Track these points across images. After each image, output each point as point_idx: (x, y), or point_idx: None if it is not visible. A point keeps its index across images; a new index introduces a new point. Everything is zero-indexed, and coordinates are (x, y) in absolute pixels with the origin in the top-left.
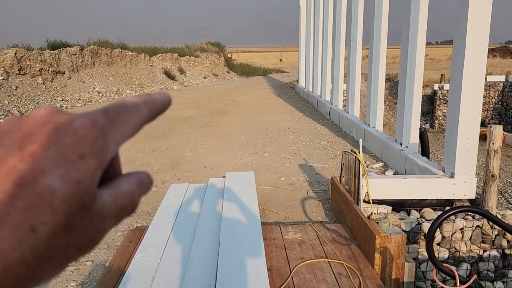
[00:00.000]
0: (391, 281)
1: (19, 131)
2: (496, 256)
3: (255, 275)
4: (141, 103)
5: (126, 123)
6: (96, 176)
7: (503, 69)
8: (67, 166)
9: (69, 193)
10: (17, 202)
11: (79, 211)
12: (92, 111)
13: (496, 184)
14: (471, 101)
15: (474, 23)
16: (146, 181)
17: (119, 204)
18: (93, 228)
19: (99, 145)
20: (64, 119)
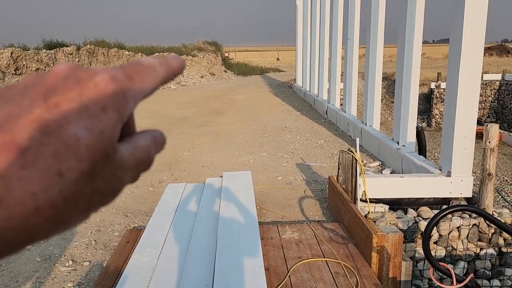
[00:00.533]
0: (388, 280)
1: (42, 84)
2: (492, 254)
3: (253, 275)
4: (157, 64)
5: (143, 81)
6: (117, 128)
7: (500, 67)
8: (90, 117)
9: (93, 142)
10: (44, 149)
11: (102, 160)
12: (111, 67)
13: (492, 182)
14: (467, 100)
15: (470, 22)
16: (160, 138)
17: (137, 157)
18: (115, 177)
19: (120, 99)
20: (85, 74)
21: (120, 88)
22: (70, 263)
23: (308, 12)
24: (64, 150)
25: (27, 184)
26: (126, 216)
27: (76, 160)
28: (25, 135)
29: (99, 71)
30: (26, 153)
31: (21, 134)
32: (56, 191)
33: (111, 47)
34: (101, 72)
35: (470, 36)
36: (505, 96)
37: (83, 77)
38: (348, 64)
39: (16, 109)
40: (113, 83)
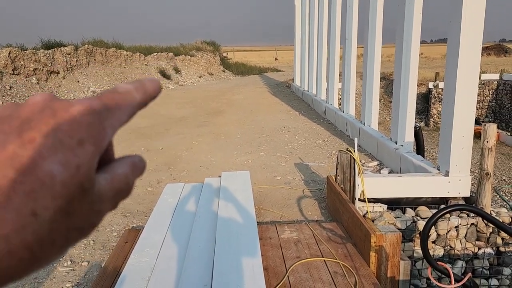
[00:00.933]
0: (387, 279)
1: (17, 117)
2: (490, 253)
3: (251, 275)
4: (133, 90)
5: (121, 109)
6: (94, 162)
7: (497, 67)
8: (66, 152)
9: (69, 178)
10: (18, 188)
11: (79, 195)
12: (87, 98)
13: (490, 182)
14: (465, 100)
15: (468, 22)
16: (139, 164)
17: (115, 187)
18: (93, 211)
19: (96, 131)
20: (61, 105)
21: (97, 119)
22: (69, 263)
23: (306, 12)
24: (38, 188)
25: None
26: (125, 216)
27: (51, 198)
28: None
29: (75, 102)
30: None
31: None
32: (30, 232)
33: (109, 47)
34: (77, 104)
35: (468, 36)
36: (503, 96)
37: (59, 109)
38: (346, 63)
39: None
40: (89, 115)
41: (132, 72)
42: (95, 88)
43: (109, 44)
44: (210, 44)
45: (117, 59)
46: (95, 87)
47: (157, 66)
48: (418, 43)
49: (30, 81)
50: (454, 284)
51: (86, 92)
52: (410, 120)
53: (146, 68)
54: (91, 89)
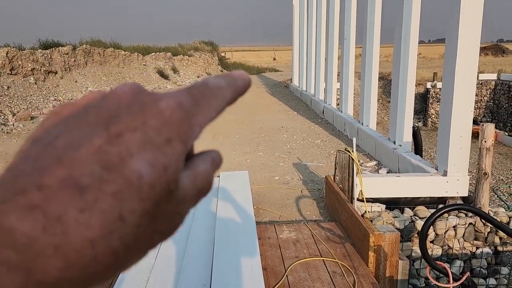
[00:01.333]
0: (385, 279)
1: (104, 108)
2: (488, 253)
3: (250, 275)
4: (224, 85)
5: (210, 106)
6: (181, 162)
7: (495, 67)
8: (154, 150)
9: (156, 179)
10: (105, 187)
11: (165, 197)
12: (176, 91)
13: (488, 181)
14: (463, 100)
15: (466, 22)
16: (218, 160)
17: (198, 186)
18: (176, 212)
19: (185, 128)
20: (150, 99)
21: (186, 116)
22: None
23: (305, 12)
24: (125, 188)
25: (86, 230)
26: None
27: (138, 200)
28: (85, 170)
29: (164, 97)
30: (86, 192)
31: (80, 168)
32: (117, 238)
33: (107, 46)
34: (167, 98)
35: (466, 36)
36: (500, 96)
37: (147, 103)
38: (344, 63)
39: (75, 137)
40: (179, 111)
41: (130, 72)
42: (93, 88)
43: (107, 44)
44: (208, 44)
45: (115, 59)
46: (93, 87)
47: (155, 66)
48: (416, 43)
49: (27, 81)
50: (453, 283)
51: (84, 92)
52: (408, 120)
53: (144, 68)
54: (89, 89)
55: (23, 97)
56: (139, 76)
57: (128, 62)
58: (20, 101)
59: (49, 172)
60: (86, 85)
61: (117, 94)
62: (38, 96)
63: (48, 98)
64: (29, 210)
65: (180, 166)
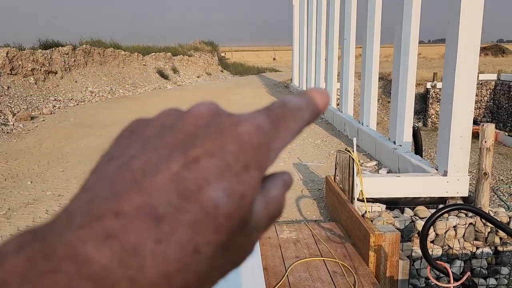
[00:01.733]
0: (386, 279)
1: (181, 129)
2: (489, 253)
3: (251, 275)
4: (304, 106)
5: (288, 129)
6: (257, 190)
7: (495, 67)
8: (231, 178)
9: (233, 209)
10: (182, 217)
11: (239, 228)
12: (255, 112)
13: (488, 181)
14: (463, 100)
15: (466, 22)
16: (289, 182)
17: (270, 213)
18: (248, 242)
19: (263, 154)
20: (228, 122)
21: (264, 141)
22: None
23: (305, 12)
24: (202, 219)
25: (162, 263)
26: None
27: (214, 231)
28: (162, 198)
29: (243, 119)
30: (163, 222)
31: (157, 196)
32: (192, 271)
33: (107, 46)
34: (246, 121)
35: (466, 36)
36: (500, 96)
37: (226, 125)
38: (344, 64)
39: (152, 160)
40: (258, 135)
41: (130, 72)
42: (93, 88)
43: (107, 44)
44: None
45: (115, 59)
46: (93, 87)
47: (155, 66)
48: (416, 43)
49: (28, 81)
50: (453, 283)
51: (84, 92)
52: (408, 120)
53: (144, 68)
54: (89, 89)
55: (23, 97)
56: (139, 76)
57: (128, 62)
58: (20, 101)
59: (126, 197)
60: (86, 85)
61: (194, 114)
62: (38, 96)
63: (48, 98)
64: (106, 239)
65: (256, 194)
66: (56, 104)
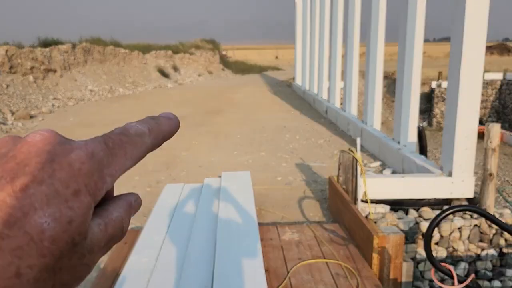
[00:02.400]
0: (389, 281)
1: (12, 157)
2: (493, 255)
3: (252, 276)
4: (146, 132)
5: (126, 154)
6: (88, 214)
7: (501, 66)
8: (59, 204)
9: (59, 233)
10: (4, 244)
11: (68, 251)
12: (91, 139)
13: (494, 182)
14: (469, 100)
15: (471, 20)
16: (135, 203)
17: (109, 234)
18: (81, 264)
19: (95, 180)
20: (60, 150)
21: (96, 167)
22: None
23: (308, 9)
24: (25, 244)
25: None
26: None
27: (38, 255)
28: None
29: (76, 147)
30: None
31: None
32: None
33: (107, 45)
34: (78, 148)
35: (471, 35)
36: (506, 96)
37: (58, 153)
38: (348, 62)
39: None
40: (89, 162)
41: (130, 71)
42: (93, 87)
43: (107, 42)
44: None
45: (115, 57)
46: (93, 86)
47: (156, 65)
48: (421, 41)
49: (27, 79)
50: (458, 285)
51: (83, 91)
52: (413, 120)
53: (145, 66)
54: (88, 87)
55: (22, 95)
56: (139, 74)
57: (128, 61)
58: (19, 100)
59: None
60: (85, 84)
61: (28, 142)
62: (37, 95)
63: (48, 97)
64: None
65: (87, 219)
66: (55, 103)
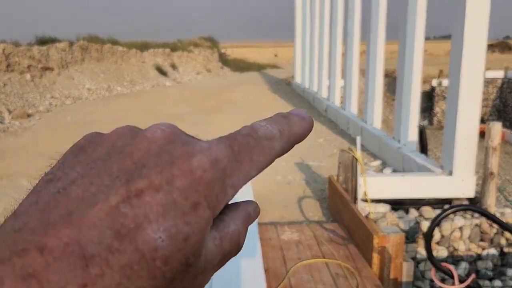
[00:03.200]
0: (389, 281)
1: (129, 155)
2: (494, 254)
3: (252, 276)
4: (277, 135)
5: (252, 161)
6: (206, 231)
7: (502, 64)
8: (176, 217)
9: (174, 252)
10: (113, 259)
11: (181, 272)
12: (215, 141)
13: (495, 182)
14: (469, 98)
15: (472, 18)
16: (254, 214)
17: (225, 249)
18: (194, 285)
19: (216, 192)
20: (181, 151)
21: (219, 176)
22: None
23: (308, 6)
24: (136, 262)
25: None
26: None
27: (148, 276)
28: (95, 236)
29: (199, 150)
30: (91, 263)
31: (90, 232)
32: None
33: (104, 42)
34: (201, 153)
35: (472, 33)
36: (507, 94)
37: (179, 155)
38: (348, 60)
39: (92, 188)
40: (212, 170)
41: (128, 69)
42: (91, 85)
43: (104, 40)
44: (208, 40)
45: (112, 55)
46: (91, 84)
47: (154, 63)
48: (422, 39)
49: (24, 78)
50: (458, 285)
51: (81, 90)
52: (414, 118)
53: (143, 64)
54: (86, 86)
55: (20, 94)
56: (137, 73)
57: (126, 59)
58: (17, 98)
59: (55, 231)
60: (83, 83)
61: (147, 137)
62: (34, 94)
63: (45, 95)
64: (26, 278)
65: (205, 235)
66: (53, 102)
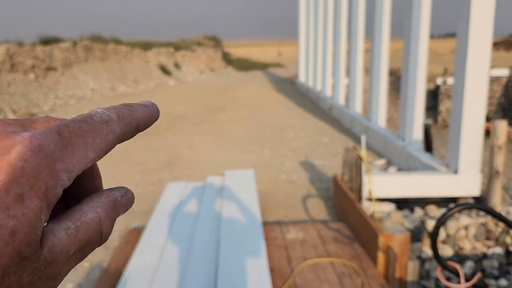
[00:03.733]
0: (395, 280)
1: None
2: (500, 253)
3: (257, 276)
4: (114, 118)
5: (87, 145)
6: (37, 221)
7: (507, 62)
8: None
9: (0, 248)
10: None
11: (15, 266)
12: (44, 128)
13: (500, 180)
14: (475, 96)
15: (477, 16)
16: (122, 200)
17: (81, 239)
18: (40, 278)
19: (43, 179)
20: (1, 146)
21: (45, 162)
22: None
23: (311, 4)
24: None
25: None
26: (126, 216)
27: None
28: None
29: (19, 140)
30: None
31: None
32: None
33: (108, 42)
34: (21, 142)
35: (477, 31)
36: None
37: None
38: (352, 59)
39: None
40: (35, 158)
41: (131, 68)
42: (94, 85)
43: (108, 40)
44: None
45: (116, 55)
46: (94, 84)
47: (157, 62)
48: (427, 37)
49: (28, 78)
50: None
51: (84, 89)
52: (419, 117)
53: (146, 64)
54: (90, 86)
55: (24, 94)
56: (141, 72)
57: (129, 58)
58: (21, 98)
59: None
60: (87, 82)
61: None
62: (38, 94)
63: (49, 95)
64: None
65: (37, 226)
66: (56, 102)
